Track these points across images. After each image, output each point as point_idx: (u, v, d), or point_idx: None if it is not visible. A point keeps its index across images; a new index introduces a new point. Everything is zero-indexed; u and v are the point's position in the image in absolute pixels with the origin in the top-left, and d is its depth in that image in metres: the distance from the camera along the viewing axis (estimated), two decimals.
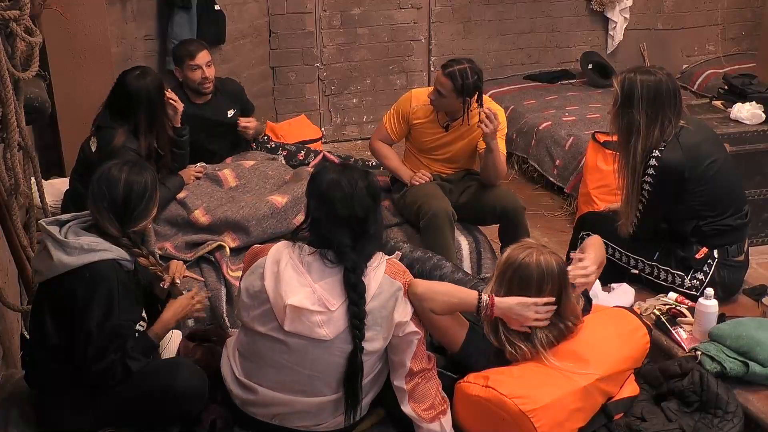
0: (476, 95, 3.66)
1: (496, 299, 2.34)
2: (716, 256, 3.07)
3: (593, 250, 2.68)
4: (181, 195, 3.65)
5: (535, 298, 2.35)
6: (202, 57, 4.05)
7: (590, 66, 6.69)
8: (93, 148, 3.45)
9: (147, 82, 3.49)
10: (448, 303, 2.35)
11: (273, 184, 3.90)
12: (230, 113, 4.25)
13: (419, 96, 3.83)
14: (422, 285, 2.34)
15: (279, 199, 3.64)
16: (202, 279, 3.25)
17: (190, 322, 3.27)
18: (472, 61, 3.69)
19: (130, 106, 3.45)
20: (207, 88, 4.10)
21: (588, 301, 2.65)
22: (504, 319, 2.36)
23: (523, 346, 2.38)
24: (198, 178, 3.84)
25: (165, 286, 2.61)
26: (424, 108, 3.80)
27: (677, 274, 3.11)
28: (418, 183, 3.78)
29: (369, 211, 2.30)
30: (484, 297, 2.34)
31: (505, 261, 2.41)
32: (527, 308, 2.34)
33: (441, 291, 2.37)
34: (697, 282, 3.08)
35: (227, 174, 3.86)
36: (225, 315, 3.29)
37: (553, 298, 2.37)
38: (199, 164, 3.95)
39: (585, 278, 2.57)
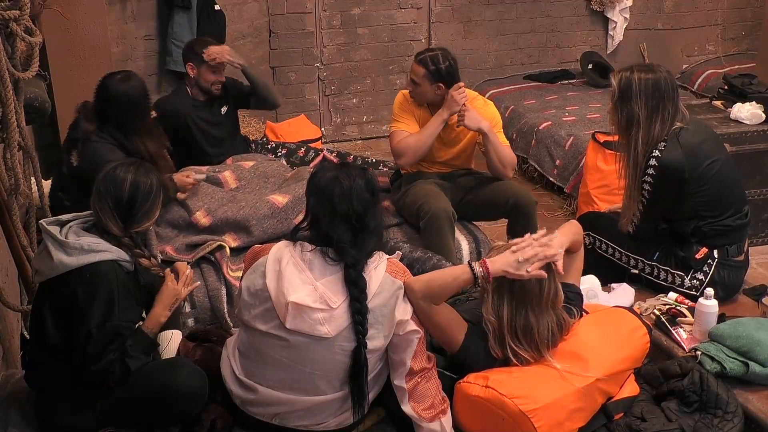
0: (452, 84, 3.61)
1: (489, 262, 2.33)
2: (716, 256, 3.07)
3: (561, 230, 2.59)
4: (181, 197, 3.64)
5: (518, 241, 2.36)
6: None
7: (590, 66, 6.70)
8: (75, 162, 3.36)
9: (131, 85, 3.40)
10: (444, 286, 2.34)
11: (273, 183, 3.90)
12: (223, 110, 4.26)
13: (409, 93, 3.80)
14: (417, 281, 2.34)
15: (279, 199, 3.64)
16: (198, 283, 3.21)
17: (191, 322, 3.27)
18: (445, 49, 3.68)
19: (115, 112, 3.36)
20: (217, 90, 4.12)
21: (581, 299, 2.64)
22: (509, 275, 2.32)
23: (527, 356, 2.37)
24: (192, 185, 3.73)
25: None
26: (416, 105, 3.78)
27: (677, 274, 3.11)
28: (461, 102, 3.59)
29: (368, 206, 2.31)
30: (476, 266, 2.33)
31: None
32: (519, 251, 2.32)
33: (434, 278, 2.37)
34: (697, 282, 3.08)
35: (227, 176, 3.87)
36: (226, 315, 3.29)
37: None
38: (188, 170, 3.81)
39: (540, 248, 2.41)
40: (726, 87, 4.91)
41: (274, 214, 3.57)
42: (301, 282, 2.24)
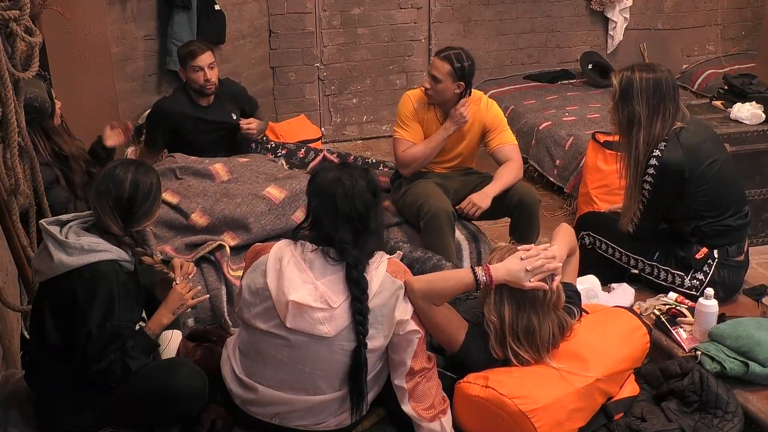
0: (469, 85, 3.65)
1: (492, 269, 2.33)
2: (716, 256, 3.07)
3: (558, 240, 2.61)
4: (174, 201, 3.63)
5: (524, 248, 2.37)
6: (205, 59, 4.03)
7: (590, 66, 6.70)
8: None
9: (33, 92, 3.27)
10: (446, 288, 2.35)
11: (265, 178, 3.86)
12: (234, 116, 4.24)
13: (416, 95, 3.79)
14: (418, 281, 2.34)
15: (276, 194, 3.62)
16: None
17: (191, 321, 3.27)
18: (464, 48, 3.69)
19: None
20: (209, 90, 4.10)
21: (579, 297, 2.64)
22: (510, 284, 2.33)
23: (528, 357, 2.37)
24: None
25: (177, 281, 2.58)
26: (423, 108, 3.79)
27: (677, 274, 3.11)
28: (464, 115, 3.65)
29: (369, 206, 2.31)
30: (479, 272, 2.33)
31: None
32: (527, 259, 2.32)
33: (435, 280, 2.38)
34: (697, 282, 3.08)
35: (219, 168, 3.85)
36: (226, 315, 3.29)
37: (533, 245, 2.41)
38: None
39: (546, 260, 2.40)
40: (726, 87, 4.91)
41: (272, 210, 3.57)
42: (301, 281, 2.24)
